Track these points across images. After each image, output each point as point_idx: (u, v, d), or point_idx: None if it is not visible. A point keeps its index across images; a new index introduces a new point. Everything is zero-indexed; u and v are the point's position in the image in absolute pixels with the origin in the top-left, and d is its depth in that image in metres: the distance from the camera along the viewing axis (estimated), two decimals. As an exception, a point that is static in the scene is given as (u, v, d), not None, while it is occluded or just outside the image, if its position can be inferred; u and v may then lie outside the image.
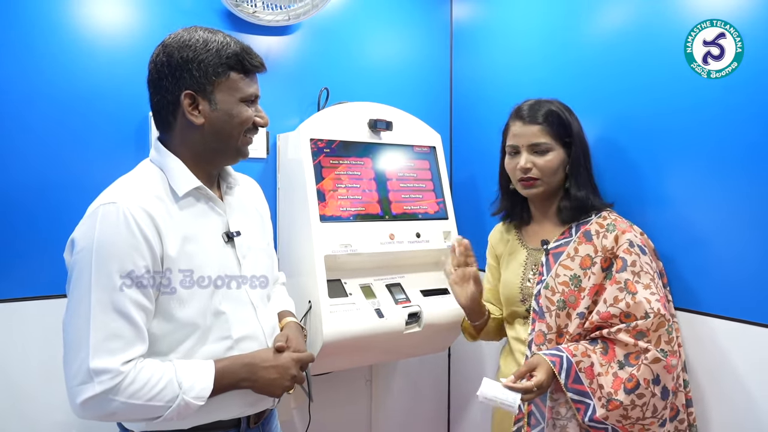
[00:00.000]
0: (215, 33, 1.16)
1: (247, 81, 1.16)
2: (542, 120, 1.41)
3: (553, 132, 1.41)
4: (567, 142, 1.42)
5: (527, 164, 1.41)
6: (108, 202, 1.05)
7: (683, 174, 1.47)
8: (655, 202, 1.53)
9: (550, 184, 1.43)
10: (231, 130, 1.15)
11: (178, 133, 1.16)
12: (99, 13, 1.69)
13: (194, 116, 1.12)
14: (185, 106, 1.12)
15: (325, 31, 2.06)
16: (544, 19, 1.89)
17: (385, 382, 2.23)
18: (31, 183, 1.59)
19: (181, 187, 1.13)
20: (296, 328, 1.32)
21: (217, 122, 1.14)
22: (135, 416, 1.06)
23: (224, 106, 1.13)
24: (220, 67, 1.12)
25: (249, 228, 1.25)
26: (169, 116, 1.15)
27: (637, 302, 1.26)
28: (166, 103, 1.14)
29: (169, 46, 1.13)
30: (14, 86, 1.57)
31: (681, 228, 1.47)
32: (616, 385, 1.24)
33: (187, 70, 1.11)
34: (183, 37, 1.14)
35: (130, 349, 1.03)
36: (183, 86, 1.12)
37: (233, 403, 1.16)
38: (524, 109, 1.45)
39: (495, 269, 1.63)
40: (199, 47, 1.12)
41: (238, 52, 1.14)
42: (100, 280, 1.01)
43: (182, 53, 1.12)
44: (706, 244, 1.42)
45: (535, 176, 1.41)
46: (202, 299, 1.11)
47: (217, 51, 1.12)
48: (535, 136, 1.41)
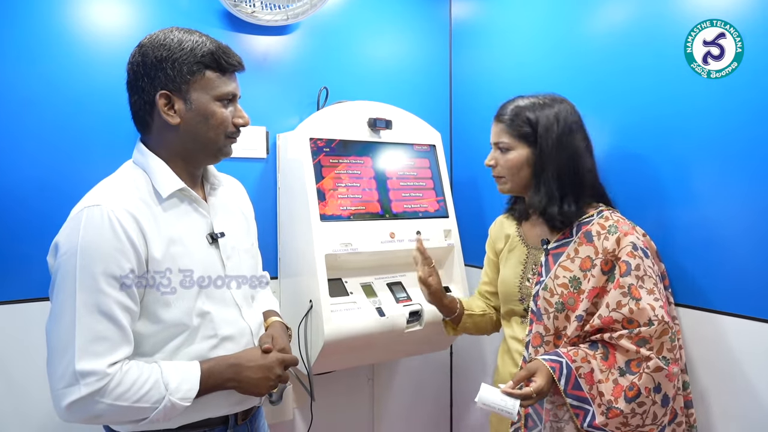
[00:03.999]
0: (191, 33, 1.15)
1: (223, 80, 1.16)
2: (507, 119, 1.42)
3: (515, 131, 1.40)
4: (532, 141, 1.38)
5: (491, 161, 1.46)
6: (92, 205, 1.05)
7: (683, 173, 1.46)
8: (655, 202, 1.53)
9: (517, 183, 1.42)
10: (207, 130, 1.15)
11: (155, 134, 1.16)
12: (97, 14, 1.69)
13: (170, 116, 1.12)
14: (161, 106, 1.12)
15: (324, 31, 2.05)
16: (544, 18, 1.89)
17: (387, 380, 2.24)
18: (31, 184, 1.59)
19: (164, 188, 1.13)
20: (281, 327, 1.32)
21: (192, 122, 1.13)
22: (121, 418, 1.06)
23: (199, 105, 1.13)
24: (195, 66, 1.12)
25: (233, 229, 1.26)
26: (147, 116, 1.15)
27: (641, 309, 1.24)
28: (142, 104, 1.14)
29: (145, 47, 1.14)
30: (13, 87, 1.57)
31: (682, 227, 1.47)
32: (617, 393, 1.23)
33: (162, 69, 1.11)
34: (158, 38, 1.14)
35: (116, 351, 1.03)
36: (158, 86, 1.12)
37: (221, 402, 1.17)
38: (500, 107, 1.47)
39: (494, 264, 1.62)
40: (173, 46, 1.12)
41: (213, 50, 1.13)
42: (84, 282, 1.01)
43: (156, 53, 1.12)
44: (707, 243, 1.42)
45: (499, 174, 1.44)
46: (187, 300, 1.12)
47: (192, 50, 1.12)
48: (498, 135, 1.43)
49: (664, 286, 1.44)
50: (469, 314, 1.61)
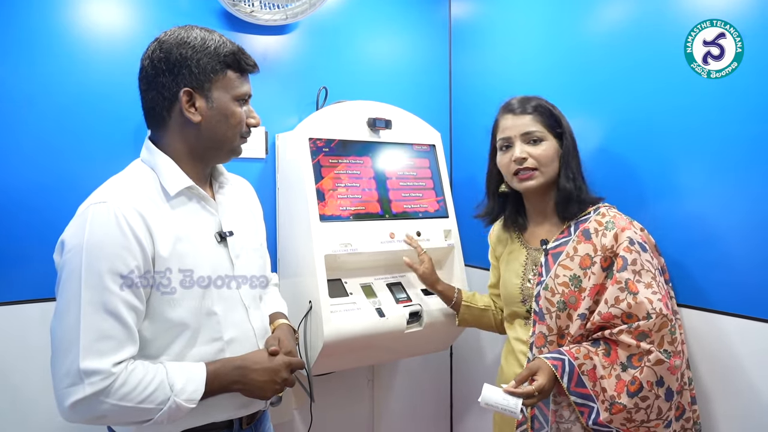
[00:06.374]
0: (211, 32, 1.17)
1: (242, 80, 1.18)
2: (532, 110, 1.41)
3: (545, 122, 1.41)
4: (558, 133, 1.42)
5: (522, 154, 1.39)
6: (98, 202, 1.05)
7: (684, 173, 1.46)
8: (656, 201, 1.53)
9: (548, 175, 1.41)
10: (226, 129, 1.16)
11: (172, 131, 1.16)
12: (96, 14, 1.68)
13: (191, 113, 1.12)
14: (183, 103, 1.12)
15: (323, 30, 2.05)
16: (544, 17, 1.88)
17: (387, 381, 2.24)
18: (31, 185, 1.59)
19: (172, 186, 1.13)
20: (288, 330, 1.32)
21: (212, 120, 1.14)
22: (125, 419, 1.05)
23: (220, 104, 1.14)
24: (218, 65, 1.13)
25: (242, 228, 1.25)
26: (164, 113, 1.15)
27: (639, 302, 1.24)
28: (161, 100, 1.14)
29: (167, 43, 1.13)
30: (13, 87, 1.57)
31: (682, 226, 1.47)
32: (619, 388, 1.23)
33: (187, 66, 1.11)
34: (181, 35, 1.14)
35: (121, 350, 1.02)
36: (182, 83, 1.12)
37: (225, 405, 1.16)
38: (513, 103, 1.45)
39: (496, 269, 1.64)
40: (197, 45, 1.12)
41: (235, 51, 1.16)
42: (90, 280, 1.00)
43: (181, 50, 1.12)
44: (708, 242, 1.42)
45: (532, 166, 1.39)
46: (193, 299, 1.11)
47: (216, 49, 1.13)
48: (527, 126, 1.41)
49: (665, 280, 1.43)
50: (467, 306, 1.66)
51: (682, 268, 1.47)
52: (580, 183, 1.41)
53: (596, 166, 1.56)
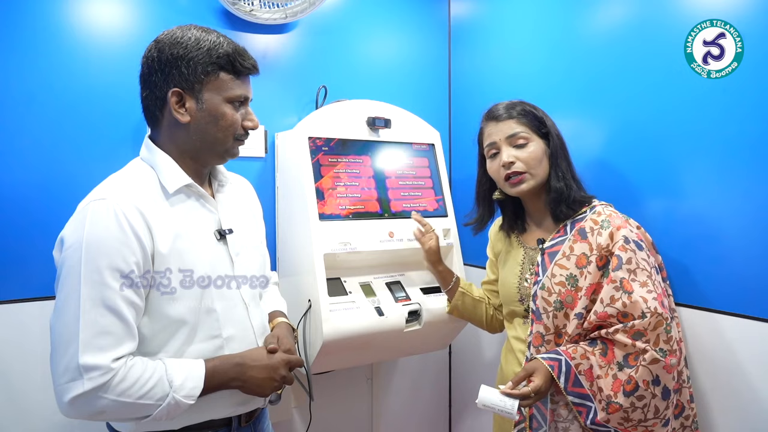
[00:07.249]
0: (209, 32, 1.15)
1: (237, 82, 1.16)
2: (516, 114, 1.42)
3: (529, 123, 1.42)
4: (544, 133, 1.42)
5: (510, 158, 1.40)
6: (98, 199, 1.05)
7: (683, 173, 1.47)
8: (655, 201, 1.53)
9: (538, 177, 1.41)
10: (216, 131, 1.15)
11: (165, 130, 1.16)
12: (96, 13, 1.68)
13: (180, 114, 1.12)
14: (172, 103, 1.12)
15: (323, 29, 2.04)
16: (543, 17, 1.88)
17: (386, 380, 2.24)
18: (29, 184, 1.59)
19: (171, 183, 1.13)
20: (287, 328, 1.32)
21: (202, 121, 1.13)
22: (124, 415, 1.05)
23: (210, 106, 1.13)
24: (210, 66, 1.12)
25: (241, 226, 1.25)
26: (157, 112, 1.15)
27: (634, 301, 1.24)
28: (154, 99, 1.14)
29: (162, 42, 1.13)
30: (12, 87, 1.57)
31: (683, 226, 1.47)
32: (616, 388, 1.23)
33: (177, 67, 1.11)
34: (176, 34, 1.13)
35: (120, 346, 1.02)
36: (171, 83, 1.12)
37: (224, 403, 1.16)
38: (495, 109, 1.46)
39: (494, 265, 1.65)
40: (190, 45, 1.12)
41: (229, 52, 1.14)
42: (89, 276, 1.00)
43: (173, 50, 1.11)
44: (708, 242, 1.42)
45: (521, 170, 1.40)
46: (192, 296, 1.11)
47: (209, 50, 1.12)
48: (512, 128, 1.42)
49: (662, 277, 1.44)
50: (462, 293, 1.67)
51: (680, 267, 1.47)
52: (571, 182, 1.41)
53: (596, 166, 1.56)
